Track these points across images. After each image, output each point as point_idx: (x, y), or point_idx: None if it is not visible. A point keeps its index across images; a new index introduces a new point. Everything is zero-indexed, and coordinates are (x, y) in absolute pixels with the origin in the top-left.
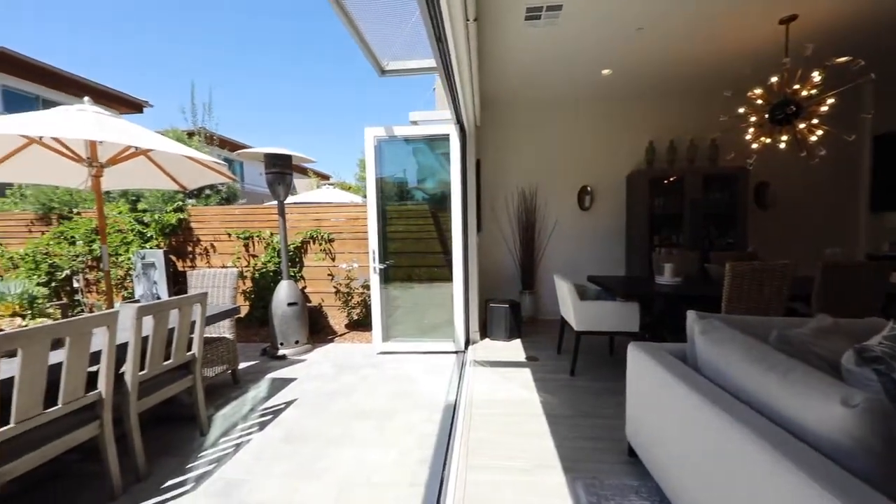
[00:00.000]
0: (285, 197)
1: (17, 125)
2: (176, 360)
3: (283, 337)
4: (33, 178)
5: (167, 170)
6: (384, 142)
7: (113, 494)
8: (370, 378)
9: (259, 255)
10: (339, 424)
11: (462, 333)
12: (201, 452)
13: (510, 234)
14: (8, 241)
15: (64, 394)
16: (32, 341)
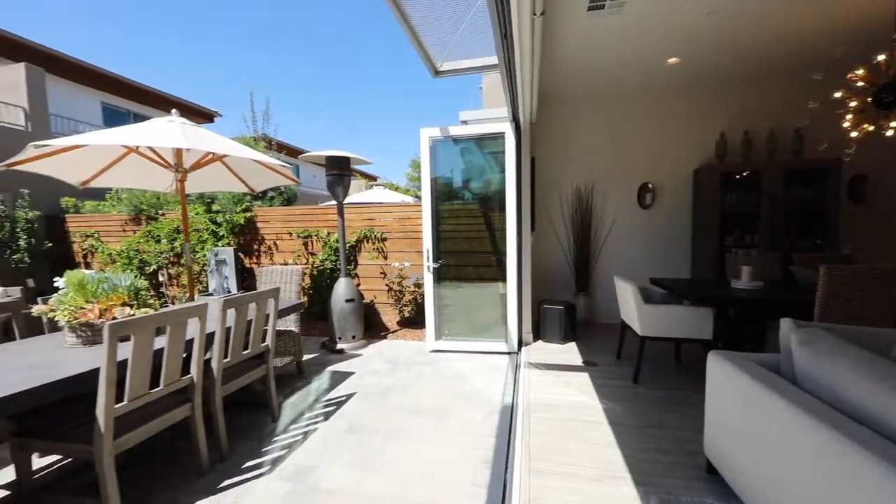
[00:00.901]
0: (344, 197)
1: (121, 136)
2: (253, 350)
3: (340, 332)
4: (130, 183)
5: (238, 173)
6: (438, 142)
7: (202, 471)
8: (425, 375)
9: (317, 253)
10: (398, 420)
11: (515, 334)
12: (274, 438)
13: (564, 234)
14: (107, 238)
15: (164, 376)
16: (142, 328)
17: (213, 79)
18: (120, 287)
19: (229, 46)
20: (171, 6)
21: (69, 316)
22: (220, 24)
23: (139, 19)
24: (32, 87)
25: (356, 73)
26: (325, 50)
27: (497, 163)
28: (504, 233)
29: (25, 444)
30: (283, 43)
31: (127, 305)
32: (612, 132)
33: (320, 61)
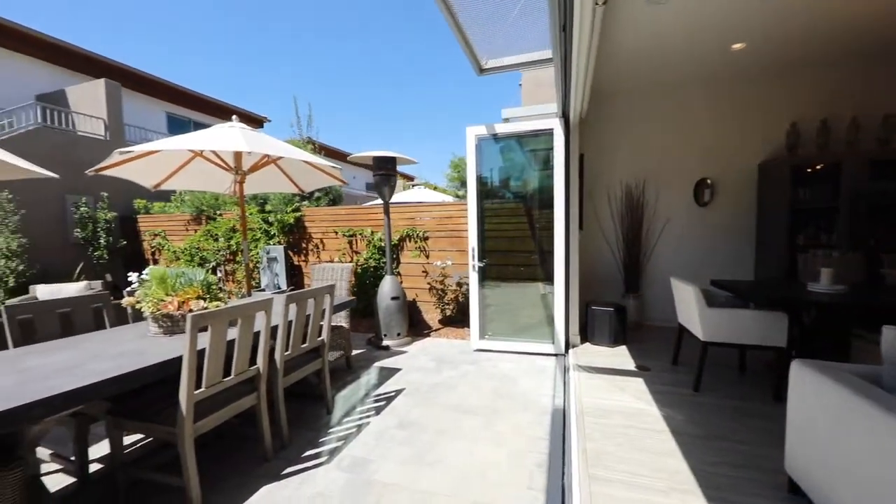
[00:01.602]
0: (390, 197)
1: (190, 142)
2: (310, 343)
3: (386, 329)
4: (194, 185)
5: (290, 175)
6: (483, 140)
7: (266, 456)
8: (470, 375)
9: (360, 251)
10: (448, 418)
11: (562, 336)
12: (329, 429)
13: (612, 233)
14: (172, 237)
15: (235, 366)
16: (219, 320)
17: (259, 84)
18: (195, 282)
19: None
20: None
21: (152, 308)
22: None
23: (190, 41)
24: (111, 100)
25: (392, 72)
26: (358, 53)
27: (542, 160)
28: (550, 232)
29: (119, 423)
30: (317, 47)
31: (201, 299)
32: (665, 126)
33: (355, 65)
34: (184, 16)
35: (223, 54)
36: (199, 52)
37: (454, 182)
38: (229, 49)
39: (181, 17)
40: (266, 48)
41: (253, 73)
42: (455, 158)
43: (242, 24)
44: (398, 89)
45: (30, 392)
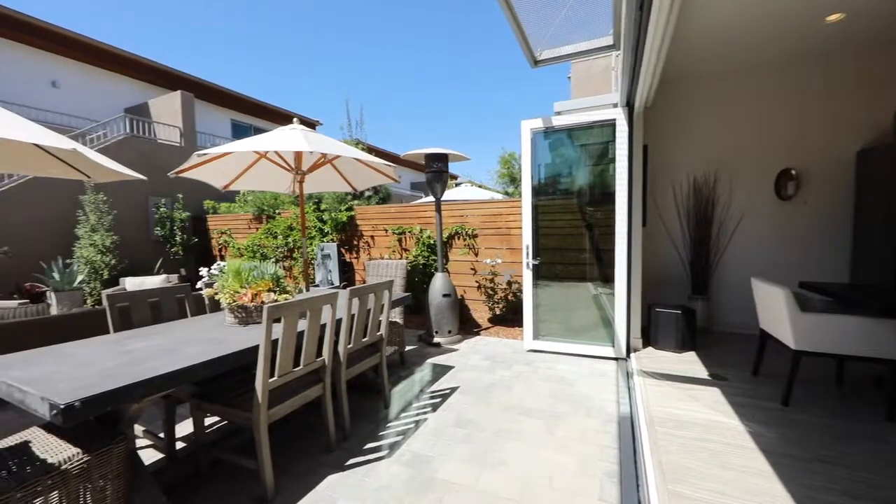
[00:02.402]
0: (442, 194)
1: (257, 144)
2: (370, 338)
3: (437, 326)
4: (258, 185)
5: (344, 174)
6: (538, 135)
7: (329, 446)
8: (524, 375)
9: (410, 249)
10: (506, 419)
11: (623, 339)
12: (388, 423)
13: (678, 231)
14: (236, 235)
15: (304, 357)
16: (291, 312)
17: (311, 89)
18: (266, 275)
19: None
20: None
21: (229, 298)
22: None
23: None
24: (185, 110)
25: (436, 75)
26: (407, 55)
27: (599, 154)
28: (608, 229)
29: (201, 406)
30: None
31: (271, 291)
32: (741, 112)
33: (399, 72)
34: (246, 29)
35: (279, 63)
36: (258, 62)
37: (503, 179)
38: (284, 58)
39: (243, 29)
40: (317, 58)
41: (304, 81)
42: (505, 154)
43: (293, 34)
44: (441, 92)
45: (133, 373)
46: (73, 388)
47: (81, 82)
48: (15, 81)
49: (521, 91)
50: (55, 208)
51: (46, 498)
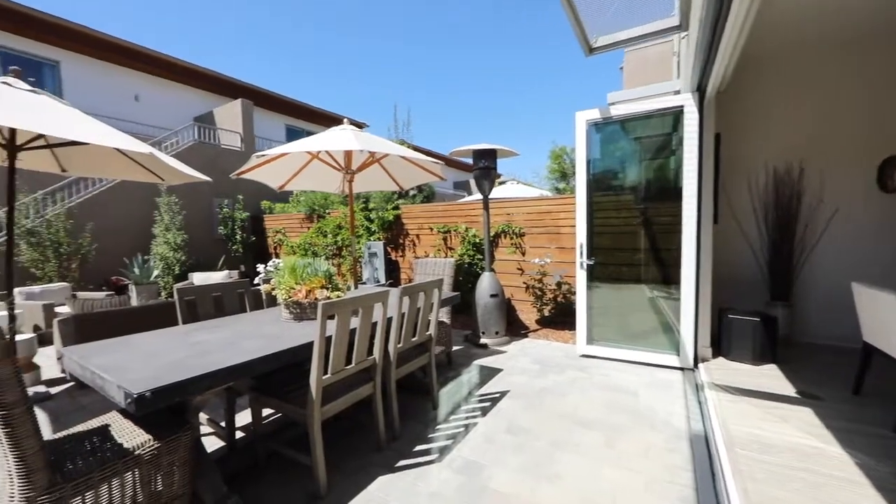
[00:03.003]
0: (490, 191)
1: (310, 144)
2: (419, 337)
3: (484, 326)
4: (310, 185)
5: (391, 173)
6: (593, 127)
7: (379, 446)
8: (579, 382)
9: (455, 247)
10: (561, 428)
11: (690, 347)
12: (437, 426)
13: (753, 228)
14: (290, 233)
15: (356, 355)
16: (344, 309)
17: (357, 91)
18: (319, 272)
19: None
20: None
21: (285, 294)
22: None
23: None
24: (245, 117)
25: (480, 68)
26: (450, 60)
27: (661, 146)
28: (670, 227)
29: (259, 399)
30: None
31: (324, 288)
32: (837, 92)
33: (445, 71)
34: (295, 37)
35: (327, 68)
36: (312, 68)
37: (553, 174)
38: (331, 63)
39: (292, 38)
40: (366, 63)
41: (352, 85)
42: (555, 147)
43: (336, 39)
44: (486, 91)
45: (198, 365)
46: (143, 377)
47: (159, 95)
48: (105, 97)
49: (564, 87)
50: (136, 210)
51: (122, 479)
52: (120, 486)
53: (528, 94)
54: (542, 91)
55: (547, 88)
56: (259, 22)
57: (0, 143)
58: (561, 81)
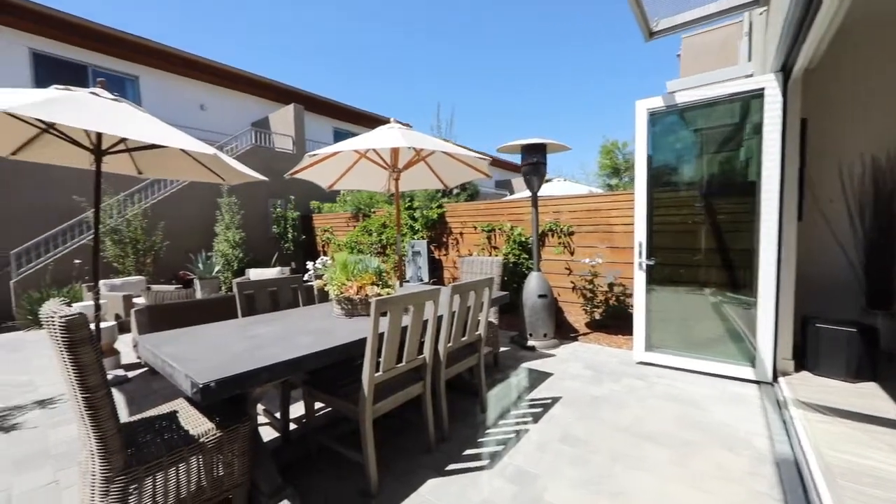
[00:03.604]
0: (539, 188)
1: (359, 143)
2: (469, 337)
3: (531, 328)
4: (358, 185)
5: (436, 171)
6: (655, 117)
7: (429, 447)
8: (638, 392)
9: (499, 246)
10: (622, 441)
11: (769, 359)
12: (486, 430)
13: (845, 226)
14: (337, 232)
15: (406, 353)
16: (396, 306)
17: (401, 90)
18: (370, 268)
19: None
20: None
21: (336, 290)
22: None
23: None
24: (297, 121)
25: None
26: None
27: (730, 136)
28: (743, 224)
29: (312, 392)
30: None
31: (375, 284)
32: None
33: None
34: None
35: (365, 67)
36: (368, 74)
37: (605, 170)
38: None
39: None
40: (404, 66)
41: (396, 87)
42: (606, 142)
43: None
44: (520, 91)
45: (256, 358)
46: (207, 368)
47: (221, 103)
48: (175, 107)
49: (611, 83)
50: (201, 210)
51: (188, 464)
52: (186, 470)
53: (571, 92)
54: (587, 88)
55: (589, 85)
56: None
57: (88, 148)
58: (608, 77)
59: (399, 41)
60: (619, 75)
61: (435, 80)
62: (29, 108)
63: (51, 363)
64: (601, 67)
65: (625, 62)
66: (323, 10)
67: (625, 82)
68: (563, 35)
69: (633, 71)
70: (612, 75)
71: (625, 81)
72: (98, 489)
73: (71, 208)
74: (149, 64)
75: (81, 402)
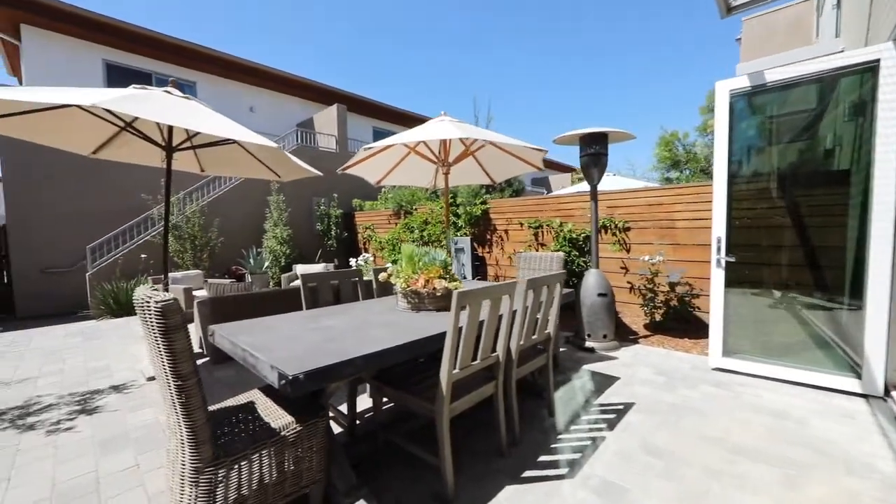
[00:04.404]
0: (599, 180)
1: (411, 136)
2: (539, 335)
3: (590, 328)
4: (404, 180)
5: (484, 166)
6: (739, 98)
7: (501, 451)
8: (721, 400)
9: (547, 244)
10: (714, 455)
11: (878, 370)
12: (558, 434)
13: None
14: (378, 230)
15: (481, 350)
16: (476, 300)
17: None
18: (437, 261)
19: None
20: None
21: (403, 283)
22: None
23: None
24: (340, 121)
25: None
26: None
27: (823, 118)
28: (836, 218)
29: (381, 389)
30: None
31: (442, 278)
32: None
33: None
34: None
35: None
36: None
37: (663, 163)
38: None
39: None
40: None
41: (434, 84)
42: (665, 133)
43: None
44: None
45: (333, 350)
46: (289, 358)
47: (268, 105)
48: (227, 109)
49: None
50: (251, 208)
51: (270, 457)
52: (269, 463)
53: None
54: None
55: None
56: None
57: (160, 145)
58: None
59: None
60: (668, 75)
61: (447, 79)
62: (119, 103)
63: (125, 350)
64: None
65: (676, 61)
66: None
67: (676, 80)
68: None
69: (679, 70)
70: (659, 75)
71: (676, 79)
72: (188, 478)
73: (127, 208)
74: (205, 70)
75: (173, 389)
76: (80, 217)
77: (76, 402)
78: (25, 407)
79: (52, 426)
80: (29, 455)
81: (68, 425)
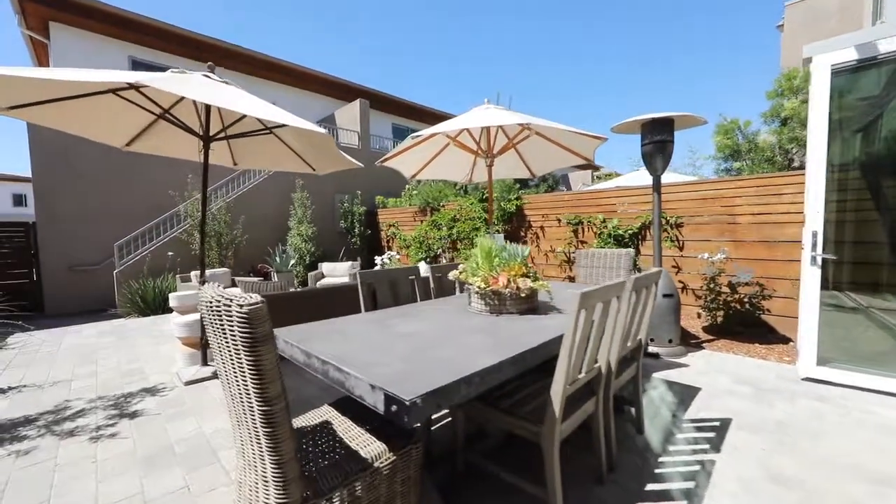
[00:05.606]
0: (663, 170)
1: (463, 122)
2: (633, 342)
3: (653, 332)
4: (439, 175)
5: (526, 159)
6: (842, 75)
7: (601, 479)
8: (829, 417)
9: (588, 241)
10: (856, 486)
11: None
12: (657, 458)
13: None
14: (402, 227)
15: (587, 361)
16: (598, 301)
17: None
18: (518, 257)
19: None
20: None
21: (482, 282)
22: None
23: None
24: (362, 117)
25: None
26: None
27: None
28: None
29: (475, 406)
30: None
31: (525, 276)
32: None
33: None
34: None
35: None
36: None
37: (722, 152)
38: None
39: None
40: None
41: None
42: (724, 121)
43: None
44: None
45: (444, 366)
46: (391, 375)
47: (291, 102)
48: None
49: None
50: (275, 205)
51: (365, 494)
52: (361, 501)
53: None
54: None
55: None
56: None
57: (198, 134)
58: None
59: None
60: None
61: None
62: (167, 82)
63: (156, 351)
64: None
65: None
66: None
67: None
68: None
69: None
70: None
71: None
72: None
73: (154, 206)
74: (228, 66)
75: (258, 416)
76: (108, 214)
77: (112, 406)
78: (58, 411)
79: (92, 434)
80: (66, 472)
81: (109, 432)
